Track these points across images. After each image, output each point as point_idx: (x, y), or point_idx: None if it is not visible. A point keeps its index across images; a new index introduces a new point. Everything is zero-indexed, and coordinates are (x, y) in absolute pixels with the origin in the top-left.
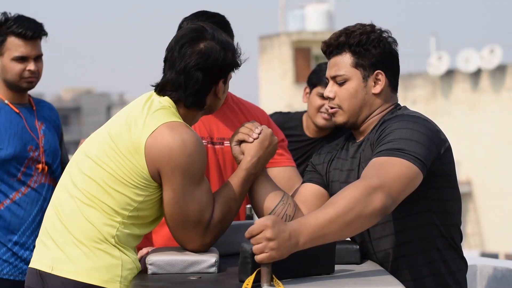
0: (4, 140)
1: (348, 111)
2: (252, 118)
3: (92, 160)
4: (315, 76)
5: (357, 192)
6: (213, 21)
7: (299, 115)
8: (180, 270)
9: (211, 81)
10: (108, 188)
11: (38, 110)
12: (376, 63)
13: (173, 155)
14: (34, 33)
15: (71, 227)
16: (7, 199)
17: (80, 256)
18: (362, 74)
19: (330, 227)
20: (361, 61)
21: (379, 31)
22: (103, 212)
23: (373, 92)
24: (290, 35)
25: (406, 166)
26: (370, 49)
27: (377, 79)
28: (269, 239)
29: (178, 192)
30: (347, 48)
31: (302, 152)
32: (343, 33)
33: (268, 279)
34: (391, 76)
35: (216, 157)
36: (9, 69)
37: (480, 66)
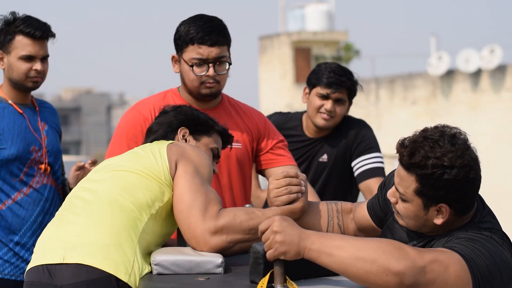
0: (8, 140)
1: (408, 224)
2: (249, 120)
3: (114, 170)
4: (314, 76)
5: (393, 250)
6: (210, 25)
7: (299, 115)
8: (186, 270)
9: None
10: (136, 186)
11: (40, 111)
12: (441, 198)
13: (187, 152)
14: (43, 33)
15: (93, 221)
16: (9, 199)
17: (94, 243)
18: (423, 202)
19: (340, 256)
20: (425, 191)
21: (458, 166)
22: (131, 205)
23: (434, 221)
24: (290, 35)
25: (461, 265)
26: (437, 186)
27: (440, 211)
28: (275, 232)
29: (189, 179)
30: (414, 173)
31: (302, 152)
32: (418, 150)
33: (281, 280)
34: (458, 207)
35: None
36: (16, 68)
37: (480, 66)
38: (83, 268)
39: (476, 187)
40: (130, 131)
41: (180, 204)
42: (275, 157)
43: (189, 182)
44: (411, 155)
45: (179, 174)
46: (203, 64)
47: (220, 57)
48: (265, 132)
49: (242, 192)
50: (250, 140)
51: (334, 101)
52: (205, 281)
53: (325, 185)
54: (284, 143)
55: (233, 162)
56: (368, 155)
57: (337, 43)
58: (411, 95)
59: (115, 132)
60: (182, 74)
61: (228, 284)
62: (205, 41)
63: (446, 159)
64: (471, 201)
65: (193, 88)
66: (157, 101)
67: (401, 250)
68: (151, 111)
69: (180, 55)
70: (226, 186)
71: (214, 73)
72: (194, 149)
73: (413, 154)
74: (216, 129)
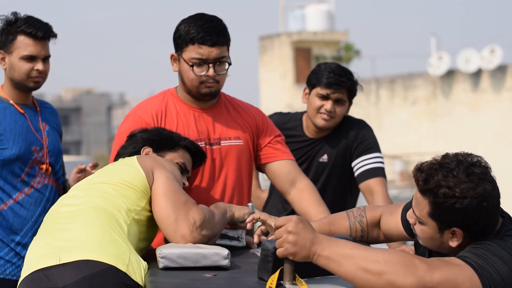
0: (9, 140)
1: (425, 244)
2: (247, 116)
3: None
4: (314, 76)
5: (400, 267)
6: (210, 25)
7: (299, 115)
8: (193, 263)
9: None
10: (113, 195)
11: (41, 111)
12: (454, 223)
13: (159, 161)
14: (44, 33)
15: (82, 224)
16: (10, 199)
17: (88, 241)
18: (438, 225)
19: (348, 266)
20: (438, 215)
21: (470, 196)
22: (114, 209)
23: (450, 244)
24: (291, 35)
25: (472, 282)
26: (449, 213)
27: (454, 235)
28: (289, 232)
29: (169, 182)
30: (428, 199)
31: (302, 153)
32: (432, 177)
33: (290, 278)
34: (473, 231)
35: (213, 157)
36: (17, 68)
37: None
38: (82, 264)
39: (491, 213)
40: None
41: (164, 202)
42: (274, 152)
43: (169, 184)
44: (425, 181)
45: (158, 179)
46: (203, 64)
47: (220, 57)
48: (264, 127)
49: (247, 189)
50: (250, 136)
51: (334, 101)
52: (212, 277)
53: (325, 185)
54: (282, 137)
55: (236, 160)
56: (368, 155)
57: (337, 43)
58: (411, 95)
59: (116, 138)
60: (181, 73)
61: (235, 281)
62: (206, 41)
63: (458, 190)
64: (487, 225)
65: (192, 88)
66: (157, 104)
67: (410, 266)
68: (153, 116)
69: (180, 54)
70: (230, 184)
71: (214, 73)
72: (164, 159)
73: (427, 181)
74: (181, 144)
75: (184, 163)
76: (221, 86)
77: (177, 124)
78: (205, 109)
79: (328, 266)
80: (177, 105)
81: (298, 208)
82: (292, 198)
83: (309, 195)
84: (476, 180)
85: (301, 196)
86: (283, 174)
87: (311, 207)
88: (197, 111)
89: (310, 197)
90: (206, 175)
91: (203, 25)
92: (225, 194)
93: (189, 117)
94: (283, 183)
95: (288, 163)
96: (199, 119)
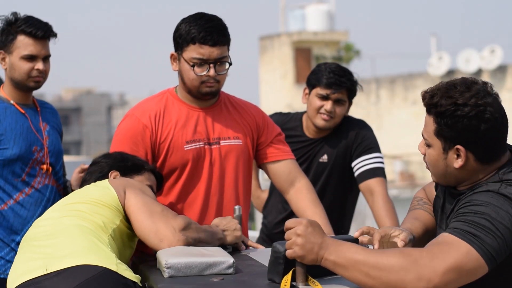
0: (10, 140)
1: (434, 174)
2: (247, 115)
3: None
4: (314, 77)
5: (401, 271)
6: (211, 25)
7: (299, 115)
8: (198, 272)
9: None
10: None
11: (42, 111)
12: (457, 137)
13: (130, 181)
14: (44, 33)
15: (64, 238)
16: (11, 199)
17: (74, 250)
18: (442, 145)
19: (355, 270)
20: (442, 132)
21: (471, 104)
22: (91, 225)
23: (454, 166)
24: (291, 35)
25: (471, 257)
26: (451, 124)
27: (458, 154)
28: (298, 235)
29: (142, 196)
30: (433, 113)
31: (302, 153)
32: (437, 93)
33: (303, 279)
34: (477, 151)
35: (212, 157)
36: (18, 68)
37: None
38: (76, 270)
39: (495, 131)
40: (130, 139)
41: (141, 215)
42: (275, 151)
43: (142, 198)
44: (430, 97)
45: (130, 197)
46: (204, 64)
47: (221, 57)
48: (264, 126)
49: (246, 188)
50: (250, 136)
51: (334, 101)
52: (221, 281)
53: (326, 185)
54: (282, 135)
55: (235, 160)
56: (368, 155)
57: (337, 43)
58: (412, 95)
59: (114, 138)
60: (182, 73)
61: (245, 284)
62: (207, 41)
63: (460, 98)
64: (491, 147)
65: (192, 87)
66: (155, 105)
67: (413, 270)
68: (151, 117)
69: (180, 53)
70: (231, 184)
71: (214, 73)
72: (132, 180)
73: (432, 96)
74: (146, 168)
75: (151, 185)
76: (221, 86)
77: (175, 125)
78: (204, 109)
79: (335, 270)
80: (176, 105)
81: (295, 208)
82: (290, 197)
83: (306, 195)
84: (479, 92)
85: (299, 196)
86: (284, 174)
87: (308, 207)
88: (196, 111)
89: (307, 197)
90: (205, 175)
91: (204, 25)
92: (224, 194)
93: (188, 117)
94: (283, 183)
95: (289, 163)
96: (199, 119)
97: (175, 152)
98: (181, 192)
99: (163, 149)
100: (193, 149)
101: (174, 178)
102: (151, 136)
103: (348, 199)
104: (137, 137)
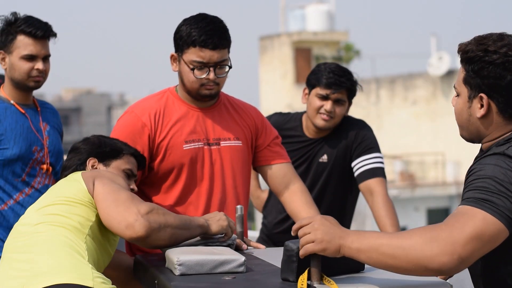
0: (10, 140)
1: (459, 126)
2: (246, 117)
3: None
4: (314, 77)
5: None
6: (212, 28)
7: (299, 115)
8: (209, 270)
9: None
10: (62, 215)
11: (42, 111)
12: (481, 85)
13: (101, 172)
14: (44, 33)
15: (42, 251)
16: (11, 199)
17: (48, 267)
18: (468, 93)
19: (380, 254)
20: (469, 79)
21: (501, 53)
22: (67, 229)
23: (477, 115)
24: (291, 36)
25: (489, 222)
26: (477, 70)
27: (481, 104)
28: (316, 229)
29: (108, 184)
30: (463, 60)
31: (302, 153)
32: (471, 41)
33: (318, 277)
34: (500, 102)
35: (212, 158)
36: (17, 68)
37: None
38: None
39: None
40: (128, 136)
41: (105, 202)
42: (272, 154)
43: (110, 187)
44: (465, 46)
45: (98, 186)
46: (203, 67)
47: (221, 61)
48: (263, 128)
49: (246, 189)
50: (249, 137)
51: (333, 101)
52: (233, 280)
53: (325, 185)
54: (279, 139)
55: (235, 160)
56: (368, 155)
57: (337, 43)
58: (412, 95)
59: (112, 134)
60: (181, 74)
61: (259, 283)
62: (207, 45)
63: (492, 45)
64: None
65: (192, 89)
66: (155, 104)
67: (436, 245)
68: (150, 116)
69: (180, 55)
70: (230, 185)
71: (214, 76)
72: (106, 170)
73: (466, 45)
74: (124, 152)
75: (130, 169)
76: (220, 88)
77: (175, 124)
78: (204, 109)
79: (359, 257)
80: (176, 105)
81: (290, 209)
82: (285, 199)
83: (301, 197)
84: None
85: (293, 197)
86: (280, 177)
87: (302, 209)
88: (196, 111)
89: (302, 199)
90: (205, 176)
91: (205, 28)
92: (224, 194)
93: (188, 116)
94: (277, 185)
95: (285, 166)
96: (199, 119)
97: (174, 151)
98: (182, 192)
99: (161, 148)
100: (191, 149)
101: (172, 178)
102: (150, 135)
103: (348, 199)
104: (135, 135)
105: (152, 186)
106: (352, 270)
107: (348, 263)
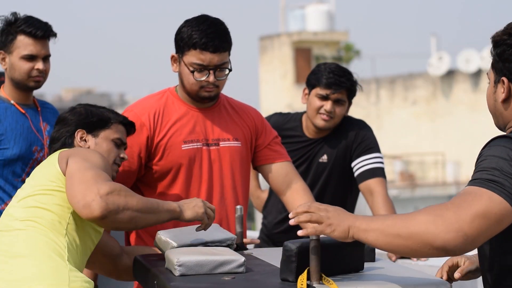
0: (10, 140)
1: (491, 113)
2: (246, 117)
3: (19, 199)
4: (314, 77)
5: (429, 224)
6: (213, 30)
7: (299, 115)
8: (209, 270)
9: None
10: (48, 204)
11: (42, 111)
12: (502, 69)
13: (76, 150)
14: (44, 33)
15: (19, 251)
16: (11, 199)
17: (26, 273)
18: (494, 77)
19: (385, 235)
20: (495, 63)
21: None
22: (46, 227)
23: (499, 100)
24: (291, 36)
25: (495, 201)
26: (500, 53)
27: (503, 87)
28: (327, 211)
29: (79, 163)
30: (492, 46)
31: (302, 153)
32: (503, 29)
33: (317, 277)
34: None
35: (211, 158)
36: (18, 68)
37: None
38: None
39: None
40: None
41: (71, 180)
42: (272, 153)
43: (80, 165)
44: (496, 34)
45: (70, 164)
46: (203, 70)
47: (221, 64)
48: (262, 128)
49: (245, 190)
50: (249, 138)
51: (333, 101)
52: (233, 280)
53: (325, 185)
54: (279, 138)
55: (234, 161)
56: (368, 155)
57: (337, 43)
58: (412, 95)
59: None
60: (181, 76)
61: (258, 283)
62: (208, 48)
63: None
64: None
65: (191, 91)
66: (155, 104)
67: (441, 223)
68: (149, 116)
69: (181, 56)
70: (229, 186)
71: (214, 79)
72: (84, 148)
73: (498, 31)
74: (112, 121)
75: (119, 138)
76: (220, 90)
77: (174, 124)
78: (204, 110)
79: (367, 239)
80: (176, 105)
81: (291, 209)
82: (287, 198)
83: (303, 196)
84: None
85: (295, 197)
86: (281, 176)
87: None
88: (196, 112)
89: (304, 199)
90: (204, 176)
91: (205, 30)
92: (223, 195)
93: (187, 117)
94: (279, 185)
95: (286, 165)
96: (198, 120)
97: (172, 151)
98: (181, 192)
99: (160, 147)
100: (190, 149)
101: (170, 178)
102: (148, 134)
103: (348, 199)
104: (134, 133)
105: (150, 186)
106: (352, 270)
107: (348, 263)
